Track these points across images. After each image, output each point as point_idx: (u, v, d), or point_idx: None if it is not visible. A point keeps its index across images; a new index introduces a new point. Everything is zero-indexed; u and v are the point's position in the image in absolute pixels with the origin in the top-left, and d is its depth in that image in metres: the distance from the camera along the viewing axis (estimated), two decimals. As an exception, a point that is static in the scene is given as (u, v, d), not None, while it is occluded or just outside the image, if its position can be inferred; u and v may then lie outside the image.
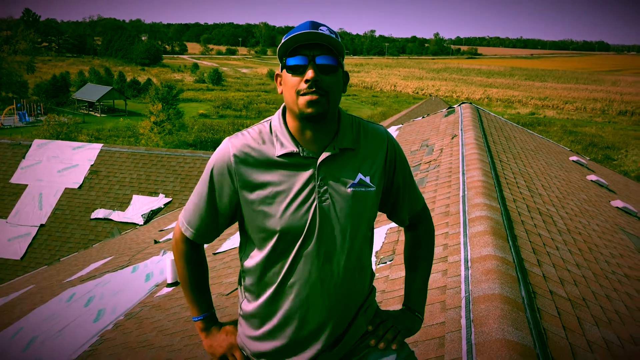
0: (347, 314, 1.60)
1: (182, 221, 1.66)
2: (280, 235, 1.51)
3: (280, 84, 1.54)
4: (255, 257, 1.58)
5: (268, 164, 1.52)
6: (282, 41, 1.46)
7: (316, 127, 1.51)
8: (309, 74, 1.43)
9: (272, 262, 1.55)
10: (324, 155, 1.52)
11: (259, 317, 1.60)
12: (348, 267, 1.56)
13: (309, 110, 1.45)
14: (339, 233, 1.53)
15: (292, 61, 1.47)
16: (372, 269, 1.73)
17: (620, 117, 60.81)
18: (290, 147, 1.52)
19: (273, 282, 1.56)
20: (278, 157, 1.52)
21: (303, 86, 1.45)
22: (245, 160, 1.53)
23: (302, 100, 1.45)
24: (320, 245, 1.52)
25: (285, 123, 1.56)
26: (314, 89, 1.44)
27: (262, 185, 1.52)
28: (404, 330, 1.68)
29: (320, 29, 1.46)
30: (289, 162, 1.52)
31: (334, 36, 1.46)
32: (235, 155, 1.53)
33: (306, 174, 1.52)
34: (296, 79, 1.46)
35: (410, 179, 1.73)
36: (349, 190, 1.54)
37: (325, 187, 1.52)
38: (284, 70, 1.50)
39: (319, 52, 1.45)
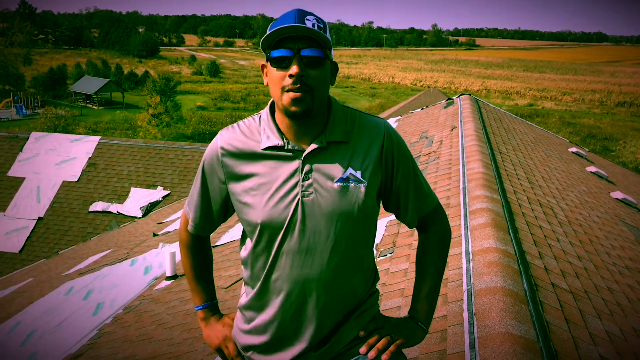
0: (333, 315, 1.51)
1: (185, 211, 1.71)
2: (261, 228, 1.48)
3: (267, 75, 1.50)
4: (247, 248, 1.57)
5: (254, 156, 1.50)
6: (267, 33, 1.41)
7: (303, 121, 1.47)
8: (294, 68, 1.38)
9: (257, 256, 1.53)
10: (311, 148, 1.47)
11: (250, 311, 1.59)
12: (334, 265, 1.47)
13: (294, 108, 1.41)
14: (324, 229, 1.46)
15: (276, 53, 1.42)
16: (375, 271, 1.64)
17: (619, 108, 60.75)
18: (275, 140, 1.48)
19: (260, 277, 1.53)
20: (263, 149, 1.49)
21: (288, 81, 1.40)
22: (232, 152, 1.52)
23: (287, 97, 1.41)
24: (302, 241, 1.46)
25: (273, 116, 1.53)
26: (298, 85, 1.39)
27: (247, 177, 1.50)
28: (400, 340, 1.55)
29: (307, 19, 1.41)
30: (274, 155, 1.49)
31: (321, 25, 1.42)
32: (222, 148, 1.53)
33: (290, 167, 1.47)
34: (281, 73, 1.42)
35: (416, 177, 1.61)
36: (336, 184, 1.47)
37: (309, 181, 1.46)
38: (269, 62, 1.46)
39: (305, 45, 1.40)
